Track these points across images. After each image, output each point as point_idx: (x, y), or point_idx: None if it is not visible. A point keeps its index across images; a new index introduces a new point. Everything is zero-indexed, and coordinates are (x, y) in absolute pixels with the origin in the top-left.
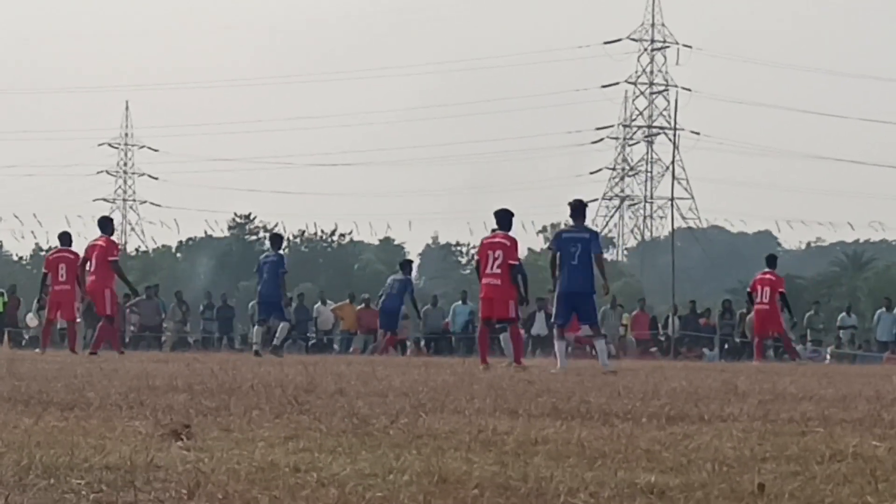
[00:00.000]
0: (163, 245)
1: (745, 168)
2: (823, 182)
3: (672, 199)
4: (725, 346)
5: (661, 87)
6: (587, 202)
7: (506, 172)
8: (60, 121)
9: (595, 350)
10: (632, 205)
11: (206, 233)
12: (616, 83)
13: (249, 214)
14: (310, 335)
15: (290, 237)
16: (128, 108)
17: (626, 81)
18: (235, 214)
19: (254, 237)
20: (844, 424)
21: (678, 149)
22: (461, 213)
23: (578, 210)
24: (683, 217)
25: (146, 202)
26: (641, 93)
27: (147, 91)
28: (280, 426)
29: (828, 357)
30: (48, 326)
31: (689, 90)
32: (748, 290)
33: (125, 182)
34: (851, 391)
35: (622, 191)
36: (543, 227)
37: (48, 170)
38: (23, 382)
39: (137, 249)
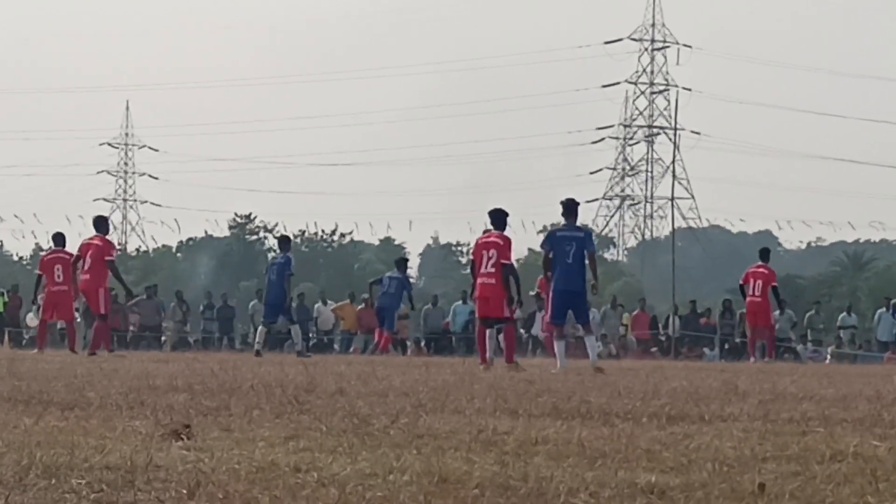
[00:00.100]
0: (163, 245)
1: (746, 168)
2: (824, 182)
3: (672, 199)
4: (726, 346)
5: (662, 87)
6: (579, 201)
7: (506, 172)
8: (61, 121)
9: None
10: (632, 205)
11: (207, 233)
12: (616, 83)
13: (250, 214)
14: (310, 335)
15: (291, 237)
16: (128, 108)
17: (627, 81)
18: (236, 214)
19: (254, 237)
20: (845, 424)
21: (678, 148)
22: (461, 213)
23: (571, 209)
24: (684, 217)
25: (146, 202)
26: (642, 93)
27: (147, 91)
28: (280, 426)
29: (828, 357)
30: (43, 327)
31: (690, 90)
32: (740, 283)
33: (125, 182)
34: (852, 391)
35: (622, 190)
36: (543, 227)
37: (49, 170)
38: (23, 382)
39: (138, 249)
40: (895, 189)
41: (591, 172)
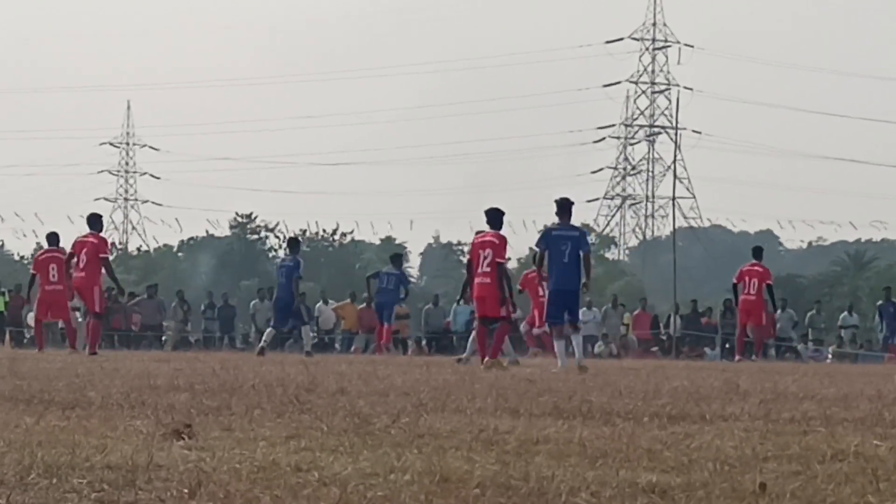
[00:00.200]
0: (164, 244)
1: (747, 167)
2: (825, 181)
3: (673, 199)
4: (727, 346)
5: (663, 87)
6: (573, 200)
7: (507, 172)
8: (62, 120)
9: (572, 346)
10: (633, 204)
11: (208, 232)
12: (617, 82)
13: (251, 214)
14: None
15: (300, 239)
16: (129, 108)
17: (628, 81)
18: (237, 214)
19: (255, 237)
20: (846, 424)
21: (680, 148)
22: (462, 213)
23: (565, 208)
24: (685, 216)
25: (147, 201)
26: (643, 92)
27: (148, 90)
28: (281, 425)
29: (829, 356)
30: (40, 326)
31: (691, 89)
32: (734, 282)
33: (126, 181)
34: (853, 390)
35: (623, 190)
36: (544, 227)
37: (49, 169)
38: (24, 382)
39: (139, 249)
40: None
41: (593, 172)
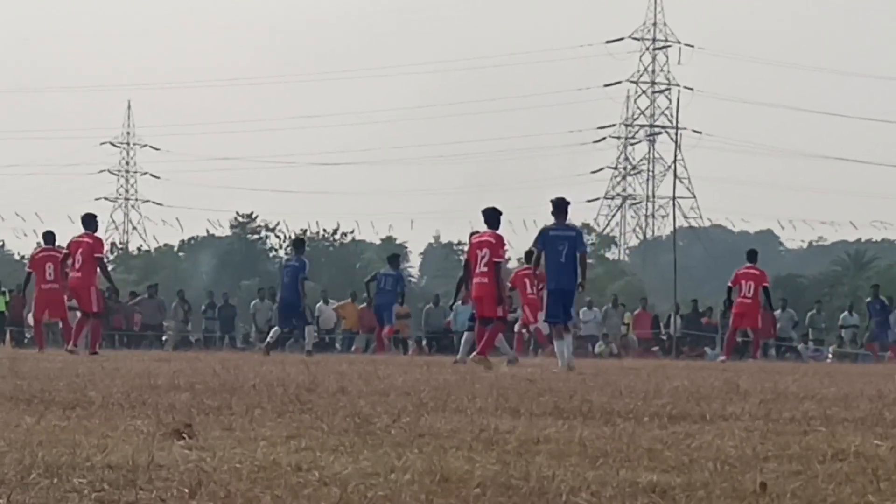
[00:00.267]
0: (165, 244)
1: (747, 167)
2: (825, 181)
3: (674, 199)
4: None
5: (663, 87)
6: (569, 200)
7: (507, 171)
8: (62, 120)
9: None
10: (633, 204)
11: (208, 232)
12: (618, 82)
13: (251, 213)
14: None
15: (292, 236)
16: (130, 108)
17: (628, 80)
18: (237, 213)
19: (256, 236)
20: (846, 423)
21: (680, 148)
22: (463, 212)
23: (561, 208)
24: (685, 216)
25: (148, 201)
26: (643, 92)
27: (149, 90)
28: (282, 425)
29: (830, 356)
30: (39, 326)
31: (691, 89)
32: (729, 285)
33: (127, 181)
34: (853, 390)
35: (624, 190)
36: (544, 227)
37: (50, 169)
38: (25, 381)
39: (139, 248)
40: None
41: (593, 172)
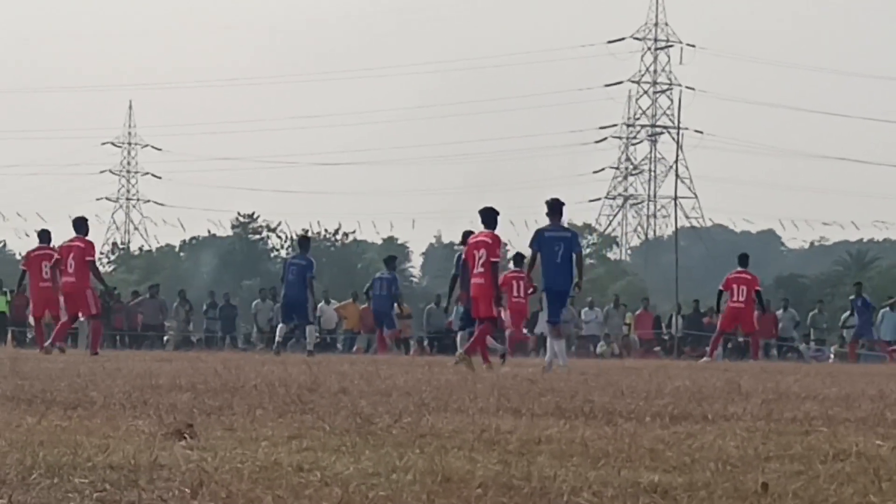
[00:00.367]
0: (166, 244)
1: (749, 167)
2: (827, 181)
3: (675, 199)
4: (729, 346)
5: (665, 87)
6: (564, 201)
7: (509, 171)
8: (63, 120)
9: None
10: (635, 204)
11: (210, 232)
12: (619, 82)
13: (253, 213)
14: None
15: (294, 236)
16: (131, 108)
17: (630, 80)
18: (239, 213)
19: (257, 236)
20: (848, 424)
21: (681, 148)
22: (464, 212)
23: (556, 208)
24: (687, 216)
25: (149, 201)
26: (645, 92)
27: (150, 90)
28: (283, 425)
29: (831, 356)
30: (39, 325)
31: (693, 89)
32: (720, 289)
33: (128, 181)
34: (855, 390)
35: (625, 190)
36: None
37: (51, 169)
38: (26, 381)
39: (141, 249)
40: None
41: (594, 172)
